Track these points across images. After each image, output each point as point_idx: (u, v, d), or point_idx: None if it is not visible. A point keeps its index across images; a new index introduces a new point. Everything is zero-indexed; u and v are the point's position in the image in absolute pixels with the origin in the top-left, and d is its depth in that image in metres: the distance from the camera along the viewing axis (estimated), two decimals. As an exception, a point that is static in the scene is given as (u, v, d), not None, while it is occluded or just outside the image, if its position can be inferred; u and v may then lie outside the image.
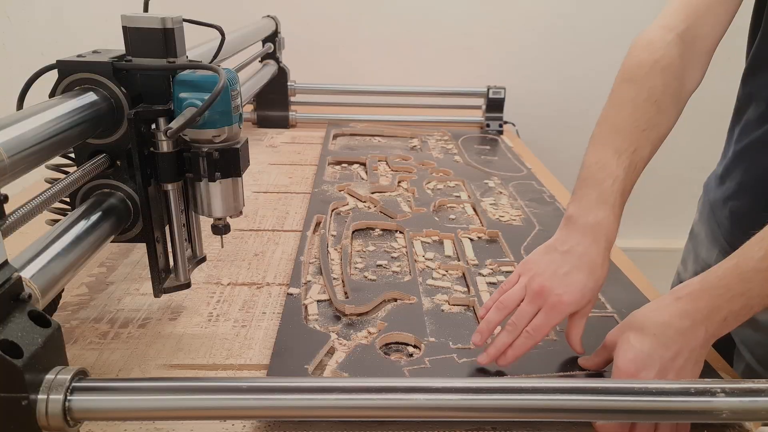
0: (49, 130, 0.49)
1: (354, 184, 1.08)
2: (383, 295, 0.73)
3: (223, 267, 0.81)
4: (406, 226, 0.92)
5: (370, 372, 0.59)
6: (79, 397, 0.42)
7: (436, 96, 1.60)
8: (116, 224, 0.60)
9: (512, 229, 0.94)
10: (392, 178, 1.13)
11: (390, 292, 0.73)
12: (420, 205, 1.00)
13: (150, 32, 0.57)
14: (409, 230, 0.90)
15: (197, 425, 0.53)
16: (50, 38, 1.21)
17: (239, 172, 0.61)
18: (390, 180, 1.11)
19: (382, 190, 1.07)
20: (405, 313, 0.70)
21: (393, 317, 0.69)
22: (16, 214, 0.45)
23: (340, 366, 0.60)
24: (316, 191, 1.05)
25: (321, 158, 1.23)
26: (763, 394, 0.48)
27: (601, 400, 0.46)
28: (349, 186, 1.06)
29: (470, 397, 0.46)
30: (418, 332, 0.66)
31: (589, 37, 1.71)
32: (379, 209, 0.99)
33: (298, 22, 1.81)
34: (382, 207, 0.99)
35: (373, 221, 0.94)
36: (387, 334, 0.65)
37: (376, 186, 1.08)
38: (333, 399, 0.45)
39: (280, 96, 1.50)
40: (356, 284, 0.75)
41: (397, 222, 0.94)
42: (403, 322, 0.68)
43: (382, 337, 0.65)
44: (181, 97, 0.56)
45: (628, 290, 0.78)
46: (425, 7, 1.89)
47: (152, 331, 0.67)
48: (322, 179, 1.11)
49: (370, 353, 0.62)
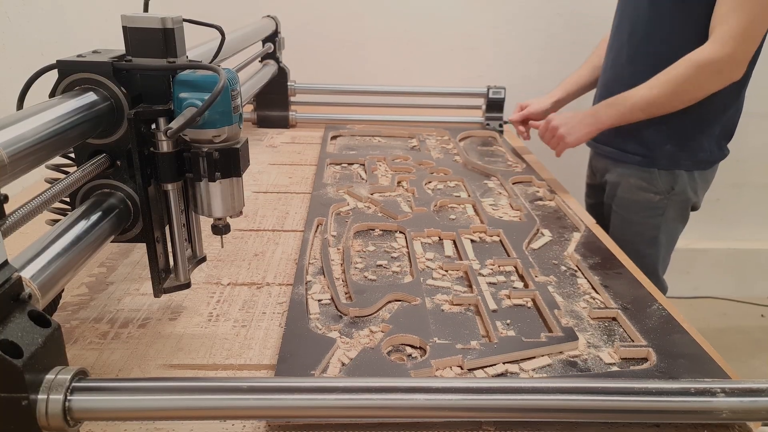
0: (49, 130, 0.49)
1: (354, 185, 1.08)
2: (387, 296, 0.73)
3: (223, 267, 0.81)
4: (407, 227, 0.92)
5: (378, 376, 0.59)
6: (79, 397, 0.42)
7: (436, 96, 1.60)
8: (116, 224, 0.60)
9: (514, 226, 0.94)
10: (392, 178, 1.13)
11: (394, 294, 0.73)
12: (420, 204, 1.00)
13: (150, 32, 0.57)
14: (410, 230, 0.91)
15: (197, 425, 0.53)
16: (50, 38, 1.21)
17: (239, 172, 0.61)
18: (390, 180, 1.11)
19: (381, 190, 1.07)
20: (409, 315, 0.69)
21: (397, 319, 0.69)
22: (16, 214, 0.45)
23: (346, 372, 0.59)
24: (315, 194, 1.05)
25: (320, 160, 1.23)
26: (763, 394, 0.48)
27: (601, 400, 0.47)
28: (349, 188, 1.07)
29: (470, 397, 0.46)
30: (423, 334, 0.65)
31: (589, 37, 1.71)
32: (379, 210, 0.99)
33: (298, 22, 1.81)
34: (382, 207, 0.99)
35: (374, 222, 0.94)
36: (392, 336, 0.65)
37: (376, 187, 1.08)
38: (334, 399, 0.45)
39: (280, 96, 1.50)
40: (359, 286, 0.75)
41: (397, 223, 0.94)
42: (407, 324, 0.67)
43: (388, 339, 0.64)
44: (181, 97, 0.56)
45: (632, 285, 0.78)
46: (425, 8, 1.89)
47: (152, 331, 0.67)
48: (322, 182, 1.11)
49: (376, 356, 0.62)
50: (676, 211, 1.23)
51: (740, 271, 2.33)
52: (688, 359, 0.62)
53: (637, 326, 0.68)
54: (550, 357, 0.63)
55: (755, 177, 1.32)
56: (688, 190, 1.20)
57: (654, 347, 0.64)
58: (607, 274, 0.80)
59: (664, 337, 0.66)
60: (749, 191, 2.14)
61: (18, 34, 1.11)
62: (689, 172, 1.20)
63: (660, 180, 1.20)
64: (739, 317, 2.27)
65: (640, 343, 0.65)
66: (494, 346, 0.63)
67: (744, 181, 1.20)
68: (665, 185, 1.20)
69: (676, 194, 1.21)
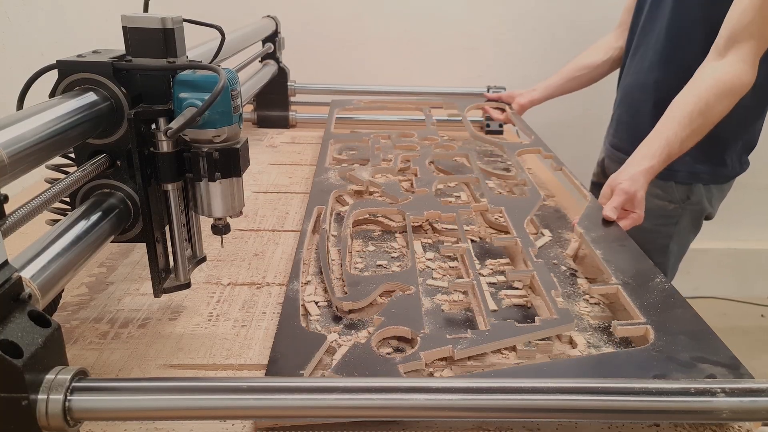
0: (49, 130, 0.49)
1: (355, 169, 1.08)
2: (381, 287, 0.72)
3: (223, 267, 0.81)
4: (406, 210, 0.92)
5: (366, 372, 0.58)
6: (79, 397, 0.42)
7: (436, 96, 1.60)
8: (116, 224, 0.60)
9: (517, 201, 0.94)
10: (395, 158, 1.13)
11: (389, 283, 0.73)
12: (422, 185, 1.00)
13: (150, 32, 0.57)
14: (410, 214, 0.91)
15: (197, 425, 0.53)
16: (50, 38, 1.21)
17: (239, 172, 0.61)
18: (392, 161, 1.12)
19: (383, 173, 1.08)
20: (402, 306, 0.68)
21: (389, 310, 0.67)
22: (16, 214, 0.45)
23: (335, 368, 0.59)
24: (317, 180, 1.04)
25: (323, 141, 1.24)
26: (763, 394, 0.48)
27: (601, 400, 0.47)
28: (350, 172, 1.06)
29: (470, 397, 0.46)
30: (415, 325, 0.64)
31: (589, 37, 1.71)
32: (380, 194, 0.99)
33: (298, 22, 1.81)
34: (383, 191, 0.99)
35: (374, 208, 0.94)
36: (383, 329, 0.64)
37: (378, 169, 1.08)
38: (333, 399, 0.45)
39: (280, 96, 1.50)
40: (354, 278, 0.75)
41: (397, 206, 0.94)
42: (400, 316, 0.66)
43: (378, 333, 0.64)
44: (181, 97, 0.56)
45: (635, 258, 0.78)
46: (425, 8, 1.89)
47: (152, 331, 0.67)
48: (324, 166, 1.10)
49: (365, 351, 0.61)
50: (689, 220, 1.20)
51: (740, 271, 2.33)
52: (689, 336, 0.62)
53: (637, 302, 0.68)
54: (550, 357, 0.63)
55: (756, 177, 1.32)
56: (704, 200, 1.18)
57: (653, 324, 0.64)
58: (610, 247, 0.80)
59: (665, 313, 0.65)
60: (750, 191, 2.14)
61: (18, 34, 1.11)
62: (707, 185, 1.17)
63: (676, 191, 1.18)
64: (739, 317, 2.27)
65: (638, 320, 0.65)
66: (486, 334, 0.62)
67: (745, 181, 1.20)
68: (681, 195, 1.18)
69: (691, 204, 1.18)
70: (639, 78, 1.22)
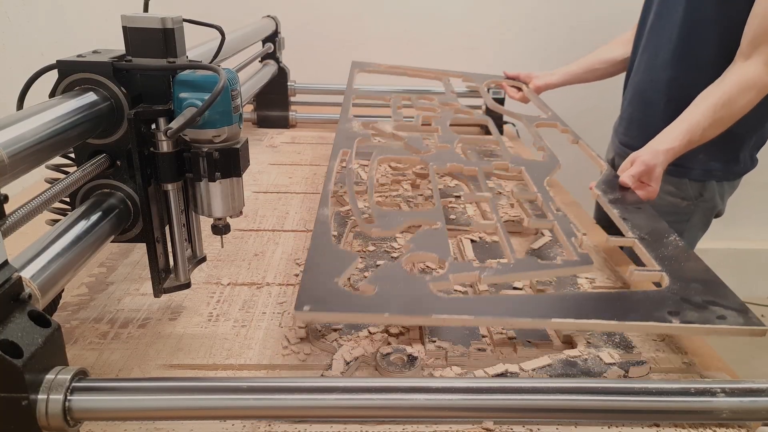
0: (49, 130, 0.49)
1: (378, 121, 1.09)
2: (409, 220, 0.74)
3: (223, 267, 0.81)
4: (429, 161, 0.93)
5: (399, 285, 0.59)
6: (79, 397, 0.42)
7: (436, 96, 1.60)
8: (116, 224, 0.60)
9: (535, 165, 0.96)
10: (417, 116, 1.14)
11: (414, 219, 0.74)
12: (444, 142, 1.01)
13: (150, 32, 0.57)
14: (433, 164, 0.91)
15: (197, 425, 0.53)
16: (50, 38, 1.21)
17: (239, 172, 0.61)
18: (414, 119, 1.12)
19: (406, 128, 1.08)
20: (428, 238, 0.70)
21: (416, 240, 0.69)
22: (16, 214, 0.45)
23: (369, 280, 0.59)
24: (341, 127, 1.04)
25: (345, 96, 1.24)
26: (763, 394, 0.48)
27: (601, 400, 0.47)
28: (374, 124, 1.06)
29: (470, 397, 0.46)
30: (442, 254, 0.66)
31: (590, 37, 1.71)
32: (403, 145, 1.00)
33: (298, 22, 1.81)
34: (406, 143, 0.99)
35: (398, 156, 0.95)
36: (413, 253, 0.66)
37: (401, 124, 1.08)
38: (333, 399, 0.45)
39: (280, 96, 1.50)
40: (382, 211, 0.76)
41: (420, 157, 0.94)
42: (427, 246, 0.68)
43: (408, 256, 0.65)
44: (181, 97, 0.56)
45: (651, 219, 0.79)
46: (425, 8, 1.89)
47: (152, 331, 0.67)
48: (347, 117, 1.11)
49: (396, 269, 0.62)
50: (701, 218, 1.21)
51: (741, 271, 2.33)
52: (701, 284, 0.63)
53: (653, 254, 0.69)
54: (550, 357, 0.63)
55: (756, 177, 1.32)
56: (717, 197, 1.19)
57: (668, 272, 0.65)
58: (626, 209, 0.81)
59: (679, 264, 0.67)
60: (750, 191, 2.13)
61: (18, 34, 1.11)
62: (719, 182, 1.17)
63: (690, 188, 1.18)
64: (739, 317, 2.26)
65: (654, 268, 0.66)
66: (510, 265, 0.65)
67: (745, 180, 1.20)
68: (694, 192, 1.18)
69: (704, 201, 1.19)
70: (651, 75, 1.21)
